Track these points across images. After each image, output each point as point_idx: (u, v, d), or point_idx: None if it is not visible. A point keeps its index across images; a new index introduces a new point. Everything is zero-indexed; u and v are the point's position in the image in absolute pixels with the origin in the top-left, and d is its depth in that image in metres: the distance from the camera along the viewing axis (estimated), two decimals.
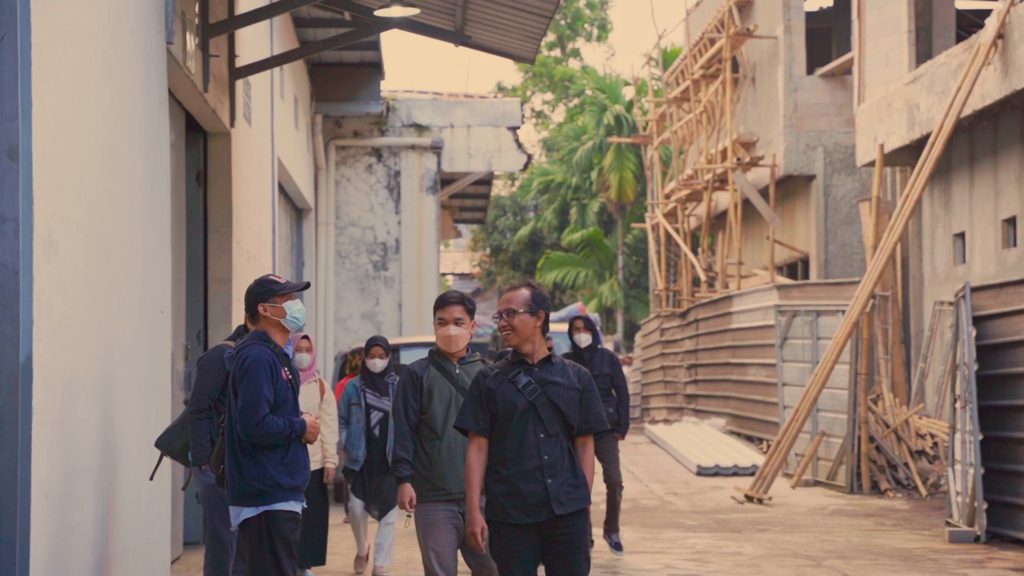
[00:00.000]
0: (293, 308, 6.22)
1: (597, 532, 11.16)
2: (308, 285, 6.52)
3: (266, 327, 6.22)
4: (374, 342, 10.08)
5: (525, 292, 5.75)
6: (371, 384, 10.04)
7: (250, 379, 6.04)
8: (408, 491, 6.48)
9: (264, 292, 6.22)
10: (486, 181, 26.31)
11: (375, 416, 9.97)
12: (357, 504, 10.11)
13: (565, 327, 11.56)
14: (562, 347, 11.47)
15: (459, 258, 54.78)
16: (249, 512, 6.04)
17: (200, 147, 12.05)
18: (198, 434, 7.24)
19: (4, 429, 5.56)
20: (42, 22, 5.93)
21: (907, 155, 18.71)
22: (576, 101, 49.67)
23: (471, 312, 6.59)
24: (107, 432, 7.21)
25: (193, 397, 7.40)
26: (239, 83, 12.49)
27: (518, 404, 5.64)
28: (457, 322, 6.53)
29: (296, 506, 6.14)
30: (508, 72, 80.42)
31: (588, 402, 5.73)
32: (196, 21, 10.42)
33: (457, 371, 6.55)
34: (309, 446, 6.48)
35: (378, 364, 10.02)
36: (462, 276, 55.32)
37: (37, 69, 5.82)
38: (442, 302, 6.58)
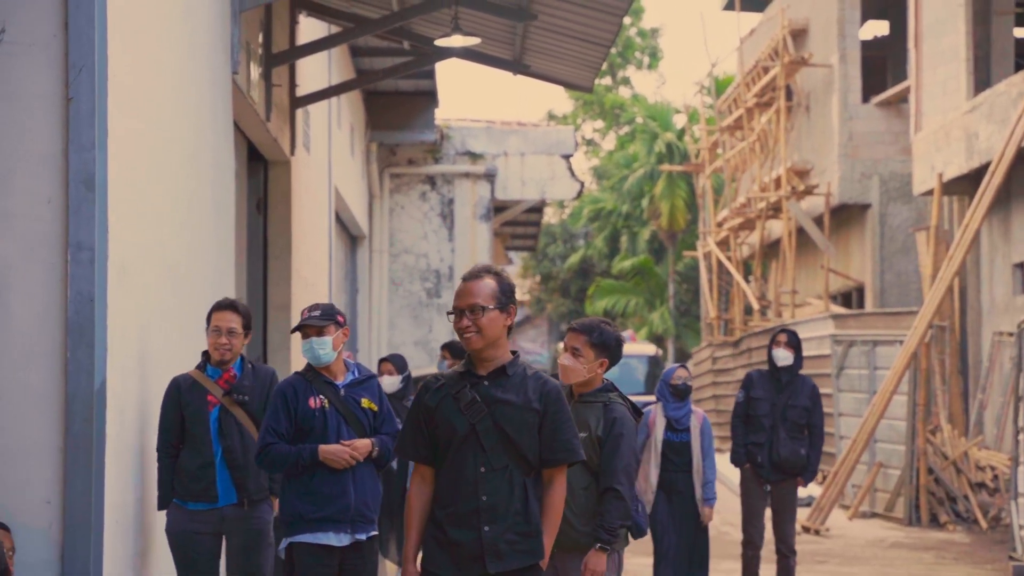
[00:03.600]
0: (304, 347, 5.91)
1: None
2: (320, 314, 5.95)
3: None
4: (383, 359, 9.11)
5: (491, 283, 4.50)
6: None
7: (267, 410, 5.98)
8: None
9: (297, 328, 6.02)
10: (537, 209, 26.34)
11: None
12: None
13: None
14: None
15: None
16: (283, 543, 5.94)
17: (260, 175, 12.15)
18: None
19: (79, 455, 5.60)
20: (119, 54, 6.00)
21: (965, 184, 18.57)
22: (626, 129, 49.65)
23: (598, 346, 5.67)
24: None
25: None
26: (299, 112, 12.60)
27: (458, 428, 4.48)
28: (574, 352, 5.71)
29: (327, 538, 5.81)
30: (559, 100, 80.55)
31: (555, 426, 4.51)
32: (260, 51, 10.53)
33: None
34: None
35: (387, 382, 8.88)
36: None
37: (113, 100, 5.89)
38: (568, 328, 5.77)
